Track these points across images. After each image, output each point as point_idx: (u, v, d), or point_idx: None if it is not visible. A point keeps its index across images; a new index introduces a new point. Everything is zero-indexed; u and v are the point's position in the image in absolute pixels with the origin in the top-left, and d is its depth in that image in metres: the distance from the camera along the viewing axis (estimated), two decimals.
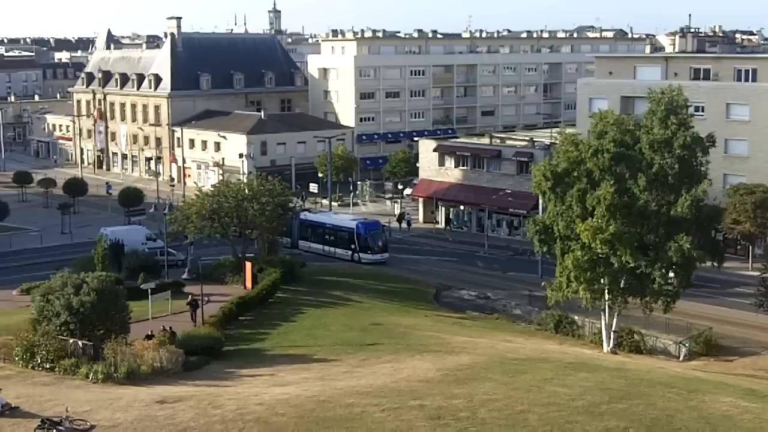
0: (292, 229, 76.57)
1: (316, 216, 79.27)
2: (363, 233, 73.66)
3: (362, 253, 73.24)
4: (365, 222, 76.04)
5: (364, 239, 73.49)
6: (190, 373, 38.85)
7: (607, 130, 46.97)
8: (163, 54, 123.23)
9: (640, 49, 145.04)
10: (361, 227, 74.01)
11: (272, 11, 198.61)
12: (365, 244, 73.39)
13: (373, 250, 73.25)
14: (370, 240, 73.60)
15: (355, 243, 73.65)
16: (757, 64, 74.39)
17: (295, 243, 77.15)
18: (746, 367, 47.76)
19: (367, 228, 74.27)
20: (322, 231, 76.55)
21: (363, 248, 73.37)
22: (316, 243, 76.41)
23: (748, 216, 64.20)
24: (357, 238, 73.62)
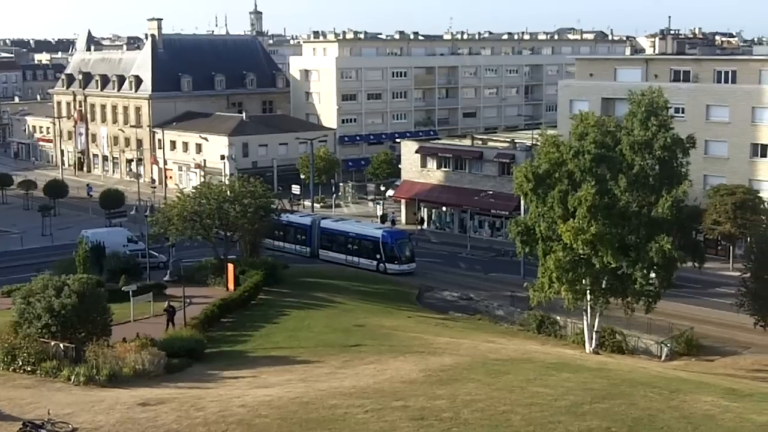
0: (312, 238, 75.19)
1: (337, 224, 76.86)
2: (389, 242, 71.02)
3: (388, 263, 70.46)
4: (391, 231, 73.97)
5: (390, 248, 70.78)
6: (172, 375, 38.71)
7: (587, 132, 47.18)
8: (143, 55, 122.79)
9: (620, 51, 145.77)
10: (387, 236, 71.48)
11: (253, 13, 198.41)
12: (392, 254, 70.66)
13: (399, 260, 70.53)
14: (397, 249, 70.88)
15: (380, 253, 70.93)
16: (736, 65, 74.92)
17: (315, 252, 75.10)
18: (727, 367, 48.10)
19: (393, 237, 71.75)
20: (344, 240, 73.69)
21: (389, 258, 70.63)
22: (338, 252, 73.70)
23: (729, 217, 64.62)
24: (383, 247, 70.92)
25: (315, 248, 75.16)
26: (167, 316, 48.43)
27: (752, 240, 50.65)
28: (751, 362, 49.14)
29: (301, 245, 75.60)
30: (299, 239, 76.17)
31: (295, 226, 76.72)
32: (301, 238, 75.90)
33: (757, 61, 75.31)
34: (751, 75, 72.40)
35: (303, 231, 76.35)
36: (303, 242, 75.42)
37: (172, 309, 48.78)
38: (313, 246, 75.29)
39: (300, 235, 76.34)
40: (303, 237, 75.75)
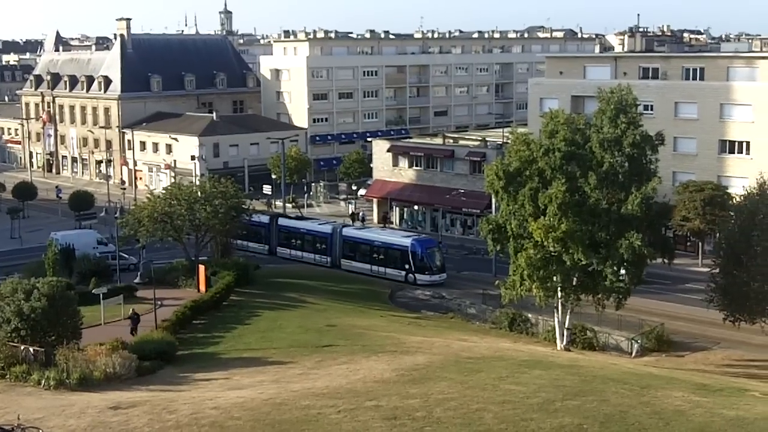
0: (333, 246, 72.01)
1: (361, 232, 72.90)
2: (419, 251, 67.08)
3: (418, 273, 66.78)
4: (421, 239, 69.43)
5: (420, 258, 66.98)
6: (144, 378, 38.47)
7: (558, 130, 47.38)
8: (112, 56, 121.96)
9: (589, 49, 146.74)
10: (416, 245, 67.43)
11: (223, 12, 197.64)
12: (422, 264, 66.90)
13: (430, 270, 66.63)
14: (428, 259, 66.96)
15: (409, 262, 67.12)
16: (704, 63, 75.54)
17: (337, 262, 71.69)
18: (697, 362, 48.55)
19: (423, 246, 67.56)
20: (368, 249, 69.72)
21: (419, 268, 66.87)
22: (362, 262, 69.94)
23: (698, 213, 65.18)
24: (412, 256, 67.02)
25: (336, 258, 71.76)
26: (131, 324, 47.36)
27: (721, 236, 51.04)
28: (721, 357, 49.63)
29: (321, 254, 72.25)
30: (319, 248, 72.74)
31: (314, 234, 73.73)
32: (321, 247, 72.53)
33: (725, 58, 76.03)
34: (719, 72, 73.05)
35: (323, 239, 72.77)
36: (323, 251, 72.15)
37: (137, 316, 47.79)
38: (335, 255, 71.85)
39: (320, 243, 72.91)
40: (323, 246, 72.40)
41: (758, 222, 42.65)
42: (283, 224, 76.46)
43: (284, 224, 76.49)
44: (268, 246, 76.43)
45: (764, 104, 68.58)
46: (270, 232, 76.60)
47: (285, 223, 76.81)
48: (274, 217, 78.37)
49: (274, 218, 77.51)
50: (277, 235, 76.22)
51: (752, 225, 42.95)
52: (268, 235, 76.67)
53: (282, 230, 75.97)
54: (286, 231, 75.68)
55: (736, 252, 43.94)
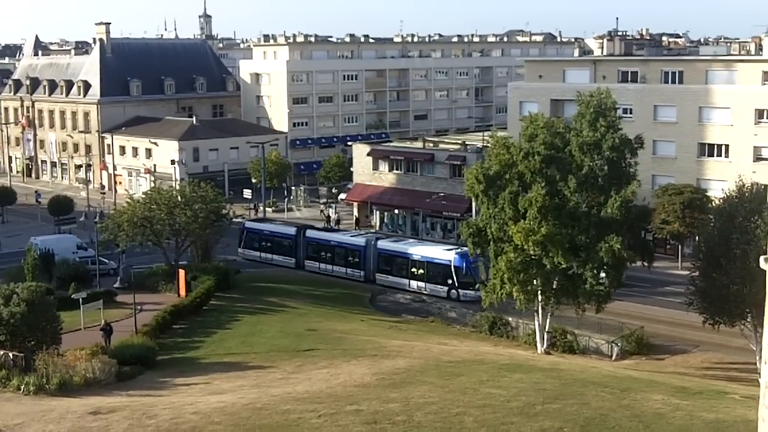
0: (366, 259, 68.40)
1: (398, 245, 68.38)
2: (463, 266, 62.18)
3: (462, 289, 62.03)
4: (464, 252, 61.23)
5: (464, 273, 62.19)
6: (124, 383, 38.34)
7: (537, 133, 47.56)
8: (92, 60, 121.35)
9: (569, 53, 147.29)
10: (459, 259, 62.28)
11: (203, 16, 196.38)
12: (466, 279, 61.99)
13: (475, 284, 60.18)
14: (472, 273, 61.51)
15: (452, 278, 62.54)
16: (683, 66, 75.98)
17: (371, 276, 67.82)
18: (677, 365, 48.77)
19: (467, 259, 61.36)
20: (406, 263, 65.66)
21: (463, 284, 62.04)
22: (399, 277, 66.04)
23: (677, 216, 65.49)
24: (455, 271, 62.23)
25: (371, 272, 67.88)
26: (104, 335, 45.75)
27: (700, 239, 51.24)
28: (700, 360, 49.88)
29: (354, 268, 68.79)
30: (351, 262, 69.24)
31: (345, 246, 69.87)
32: (353, 260, 68.98)
33: (704, 61, 76.49)
34: (697, 75, 73.49)
35: (355, 252, 69.11)
36: (355, 265, 68.71)
37: (109, 327, 46.26)
38: (369, 269, 68.05)
39: (352, 257, 69.27)
40: (355, 259, 68.84)
41: (737, 225, 42.82)
42: (312, 236, 72.66)
43: (313, 236, 72.67)
44: (294, 259, 73.03)
45: (743, 107, 69.08)
46: (297, 245, 73.12)
47: (314, 235, 73.01)
48: (302, 228, 74.80)
49: (302, 230, 74.05)
50: (304, 248, 72.47)
51: (731, 228, 43.11)
52: (295, 247, 73.22)
53: (310, 242, 72.19)
54: (314, 243, 71.92)
55: (715, 255, 44.10)
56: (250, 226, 77.89)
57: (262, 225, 78.44)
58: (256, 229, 77.06)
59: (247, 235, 76.61)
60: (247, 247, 76.45)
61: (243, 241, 76.77)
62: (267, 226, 77.55)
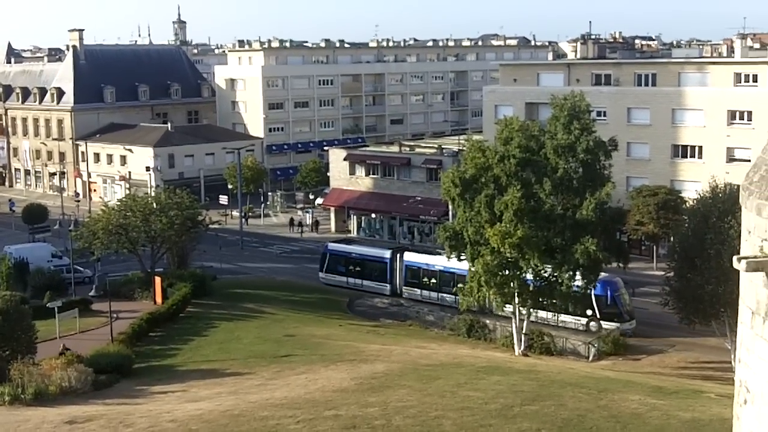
0: None
1: None
2: (606, 294, 55.36)
3: (605, 320, 55.28)
4: (607, 279, 54.70)
5: (607, 302, 55.39)
6: (100, 391, 38.09)
7: (512, 137, 47.74)
8: (65, 67, 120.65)
9: (543, 56, 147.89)
10: (602, 287, 54.47)
11: (177, 22, 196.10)
12: (610, 309, 55.31)
13: (620, 316, 55.25)
14: (617, 303, 55.67)
15: (593, 307, 55.27)
16: (656, 69, 76.55)
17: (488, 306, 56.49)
18: (653, 365, 49.07)
19: (609, 287, 55.50)
20: None
21: (607, 314, 55.38)
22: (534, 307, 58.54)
23: (651, 217, 65.88)
24: (597, 300, 55.08)
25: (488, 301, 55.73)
26: None
27: (675, 240, 51.65)
28: (676, 360, 50.21)
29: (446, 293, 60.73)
30: (442, 286, 61.80)
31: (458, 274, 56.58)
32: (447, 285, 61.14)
33: (677, 63, 77.09)
34: (670, 77, 74.06)
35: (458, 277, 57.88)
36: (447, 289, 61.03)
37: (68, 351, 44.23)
38: None
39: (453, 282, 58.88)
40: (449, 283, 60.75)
41: (711, 225, 43.15)
42: (412, 261, 64.52)
43: (412, 260, 64.50)
44: (389, 285, 65.69)
45: (715, 109, 69.64)
46: (392, 269, 65.84)
47: (413, 258, 64.67)
48: (397, 250, 67.55)
49: (397, 251, 66.42)
50: (402, 273, 65.07)
51: (705, 228, 43.45)
52: (390, 271, 65.87)
53: (410, 267, 64.37)
54: (414, 268, 64.15)
55: (689, 255, 44.42)
56: (334, 248, 70.00)
57: (347, 247, 70.40)
58: (341, 252, 69.39)
59: (330, 258, 69.32)
60: (331, 271, 68.92)
61: (325, 265, 69.37)
62: (354, 248, 69.83)
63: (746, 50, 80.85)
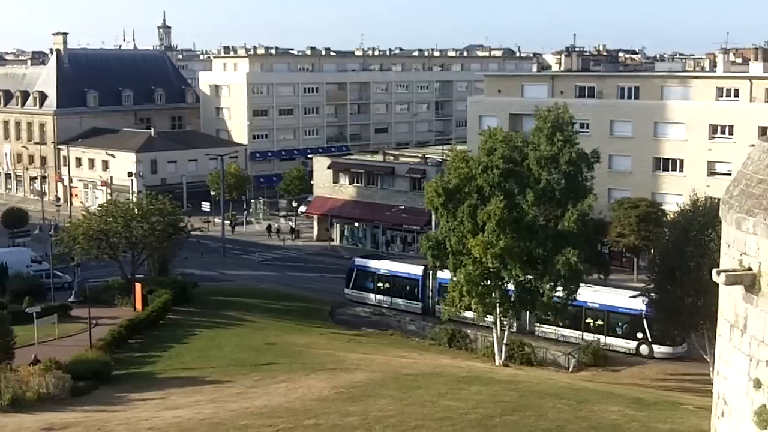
0: None
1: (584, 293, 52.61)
2: None
3: (656, 344, 53.10)
4: None
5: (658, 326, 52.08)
6: (78, 398, 37.80)
7: (496, 147, 47.85)
8: (48, 70, 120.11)
9: (527, 68, 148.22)
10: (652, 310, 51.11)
11: (162, 27, 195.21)
12: (662, 333, 52.34)
13: (673, 339, 52.44)
14: None
15: (644, 330, 53.51)
16: (639, 82, 76.98)
17: (528, 326, 56.72)
18: (633, 377, 49.21)
19: None
20: (581, 313, 55.17)
21: (657, 338, 52.93)
22: (570, 328, 55.66)
23: (633, 229, 66.15)
24: (647, 323, 53.05)
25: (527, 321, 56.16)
26: None
27: (655, 252, 51.90)
28: (656, 371, 50.38)
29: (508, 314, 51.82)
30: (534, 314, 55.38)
31: None
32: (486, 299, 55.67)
33: (659, 77, 77.55)
34: (653, 91, 74.50)
35: None
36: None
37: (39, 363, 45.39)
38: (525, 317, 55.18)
39: None
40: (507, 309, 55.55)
41: (691, 238, 43.37)
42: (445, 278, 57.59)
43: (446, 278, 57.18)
44: (421, 304, 63.26)
45: (697, 123, 70.06)
46: (424, 286, 63.22)
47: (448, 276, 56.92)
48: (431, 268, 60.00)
49: (430, 270, 60.53)
50: (435, 291, 61.84)
51: (686, 241, 43.66)
52: (422, 289, 63.40)
53: (444, 284, 58.12)
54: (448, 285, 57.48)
55: (670, 267, 44.62)
56: (361, 264, 67.64)
57: (376, 263, 67.07)
58: (370, 268, 66.92)
59: (357, 274, 67.21)
60: (358, 288, 66.81)
61: (352, 281, 67.30)
62: (383, 264, 66.46)
63: (728, 65, 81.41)
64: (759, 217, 10.77)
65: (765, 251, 10.69)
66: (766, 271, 10.67)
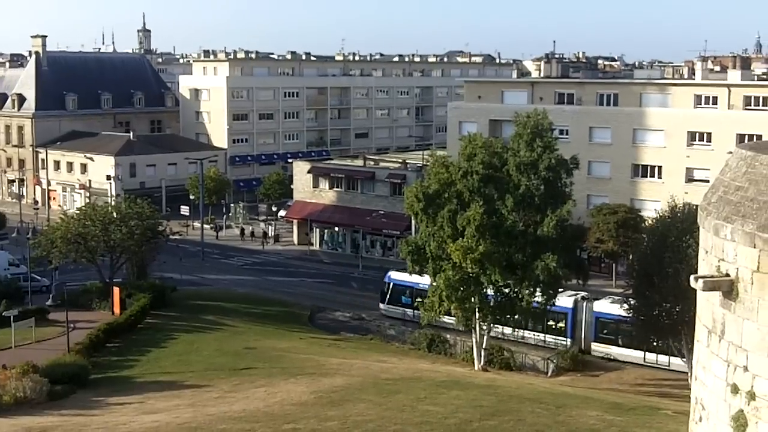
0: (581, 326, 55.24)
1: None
2: None
3: None
4: None
5: None
6: (56, 402, 37.59)
7: (476, 153, 48.00)
8: (27, 73, 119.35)
9: (507, 74, 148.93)
10: None
11: (142, 30, 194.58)
12: None
13: None
14: None
15: None
16: (618, 89, 77.43)
17: None
18: (611, 382, 49.44)
19: None
20: None
21: None
22: None
23: (611, 235, 66.43)
24: None
25: None
26: None
27: (634, 258, 52.12)
28: (634, 377, 50.62)
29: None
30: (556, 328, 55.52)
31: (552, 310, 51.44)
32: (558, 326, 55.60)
33: (638, 84, 78.00)
34: (632, 98, 74.94)
35: (561, 316, 55.05)
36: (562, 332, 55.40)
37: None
38: None
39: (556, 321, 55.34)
40: (560, 325, 55.51)
41: (669, 244, 43.61)
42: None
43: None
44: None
45: (676, 130, 70.53)
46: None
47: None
48: (583, 300, 56.00)
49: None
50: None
51: (664, 247, 43.90)
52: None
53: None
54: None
55: (648, 273, 44.84)
56: (398, 279, 62.02)
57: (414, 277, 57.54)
58: (406, 283, 60.87)
59: (393, 289, 62.99)
60: (395, 303, 62.69)
61: (388, 296, 63.18)
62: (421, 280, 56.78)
63: (707, 72, 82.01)
64: (737, 224, 10.88)
65: (742, 258, 10.80)
66: (744, 278, 10.78)
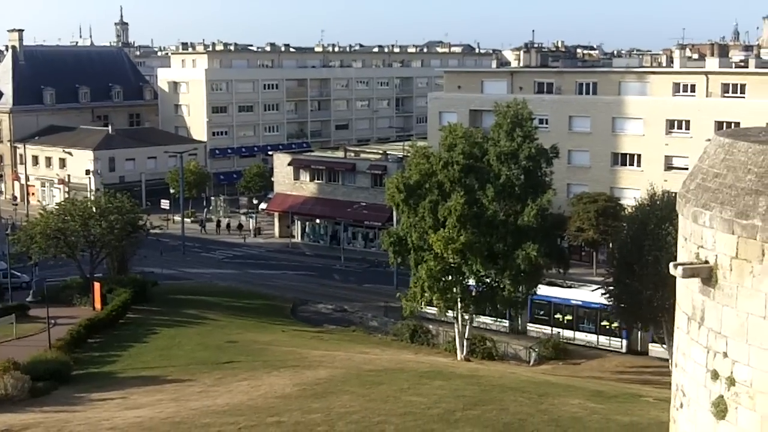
0: None
1: None
2: None
3: None
4: None
5: None
6: (37, 399, 37.38)
7: (456, 143, 48.07)
8: (3, 68, 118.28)
9: (486, 64, 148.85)
10: None
11: (119, 23, 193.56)
12: None
13: None
14: None
15: None
16: (597, 77, 77.65)
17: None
18: (593, 370, 49.71)
19: None
20: None
21: None
22: None
23: (591, 224, 66.73)
24: None
25: None
26: None
27: (614, 246, 52.39)
28: (615, 364, 50.91)
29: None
30: None
31: None
32: None
33: (617, 73, 78.26)
34: (611, 86, 75.17)
35: None
36: None
37: None
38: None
39: None
40: None
41: (649, 232, 43.82)
42: None
43: None
44: (626, 341, 52.97)
45: (654, 118, 70.84)
46: None
47: None
48: None
49: None
50: None
51: (644, 235, 44.11)
52: None
53: None
54: None
55: (628, 261, 45.06)
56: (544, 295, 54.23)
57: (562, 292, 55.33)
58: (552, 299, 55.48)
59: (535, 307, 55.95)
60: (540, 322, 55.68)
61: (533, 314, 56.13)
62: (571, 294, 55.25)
63: (685, 60, 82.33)
64: (715, 211, 10.93)
65: (721, 244, 10.86)
66: (723, 264, 10.84)
